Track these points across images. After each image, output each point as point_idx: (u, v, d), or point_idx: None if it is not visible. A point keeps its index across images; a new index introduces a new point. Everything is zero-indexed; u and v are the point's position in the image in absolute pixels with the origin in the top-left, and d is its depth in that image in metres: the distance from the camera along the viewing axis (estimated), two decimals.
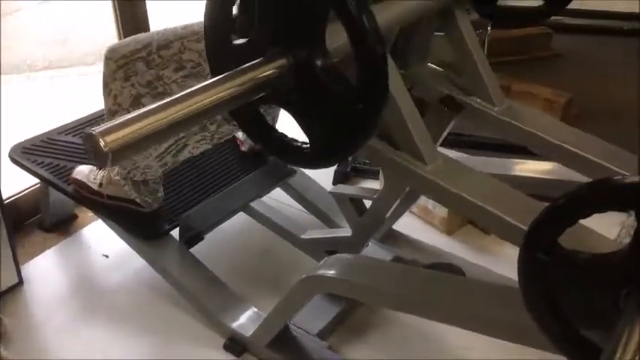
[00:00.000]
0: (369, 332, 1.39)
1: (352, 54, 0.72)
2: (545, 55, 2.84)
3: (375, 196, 1.26)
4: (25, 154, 1.56)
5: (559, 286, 0.70)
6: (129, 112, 1.27)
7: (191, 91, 0.70)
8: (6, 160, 1.60)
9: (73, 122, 1.68)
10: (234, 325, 1.35)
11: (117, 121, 0.63)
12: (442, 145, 2.08)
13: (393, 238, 1.59)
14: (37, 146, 1.59)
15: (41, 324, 1.43)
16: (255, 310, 1.38)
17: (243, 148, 1.70)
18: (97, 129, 0.61)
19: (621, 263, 0.64)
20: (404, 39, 1.12)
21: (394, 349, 1.35)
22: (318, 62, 0.75)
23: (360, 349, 1.35)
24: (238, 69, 0.75)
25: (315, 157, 0.81)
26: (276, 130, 0.86)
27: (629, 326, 0.60)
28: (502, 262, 1.49)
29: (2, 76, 2.79)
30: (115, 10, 1.80)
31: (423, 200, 1.75)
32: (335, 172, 1.92)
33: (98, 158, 0.61)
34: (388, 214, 1.35)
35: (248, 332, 1.32)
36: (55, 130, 1.65)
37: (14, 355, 1.32)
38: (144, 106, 1.30)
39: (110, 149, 0.60)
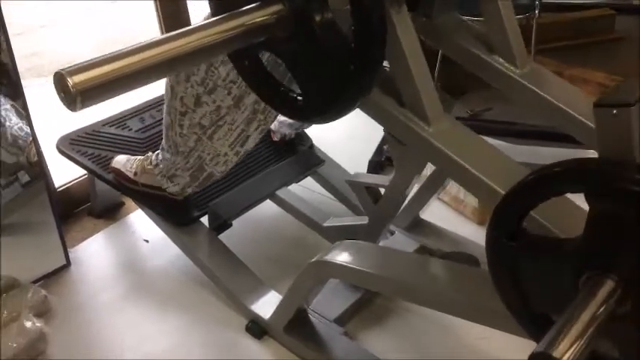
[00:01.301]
0: (388, 320, 1.40)
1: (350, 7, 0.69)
2: (608, 39, 2.68)
3: (387, 184, 1.27)
4: (72, 145, 1.68)
5: (524, 270, 0.69)
6: (194, 111, 1.31)
7: (178, 33, 0.65)
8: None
9: (116, 115, 1.79)
10: (255, 308, 1.40)
11: (90, 61, 0.58)
12: (484, 133, 2.02)
13: (420, 227, 1.58)
14: (82, 138, 1.71)
15: (83, 303, 1.54)
16: (277, 294, 1.42)
17: (275, 138, 1.74)
18: (67, 68, 0.56)
19: (580, 248, 0.62)
20: None
21: (411, 338, 1.35)
22: (316, 11, 0.71)
23: (376, 336, 1.36)
24: (233, 12, 0.71)
25: (305, 111, 0.79)
26: (273, 78, 0.84)
27: (578, 309, 0.58)
28: None
29: None
30: (157, 10, 1.89)
31: (454, 190, 1.72)
32: (369, 161, 1.93)
33: (67, 100, 0.57)
34: (406, 201, 1.36)
35: (267, 315, 1.37)
36: (99, 122, 1.76)
37: (56, 330, 1.43)
38: (206, 104, 1.25)
39: (77, 90, 0.56)
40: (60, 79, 0.56)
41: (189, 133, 1.34)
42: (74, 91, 0.56)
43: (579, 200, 0.73)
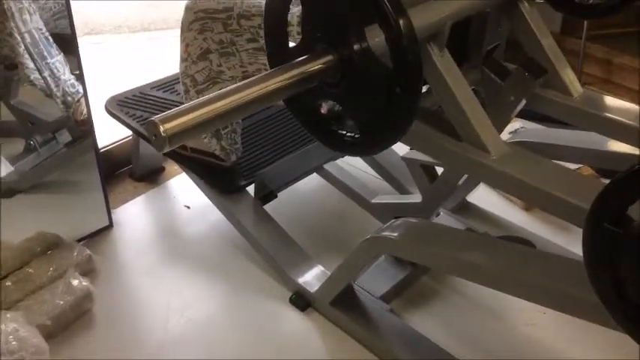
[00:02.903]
0: (433, 300, 1.39)
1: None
2: None
3: None
4: (120, 106, 1.67)
5: (625, 260, 0.67)
6: (195, 63, 1.33)
7: (244, 84, 0.78)
8: (103, 112, 1.72)
9: (164, 79, 1.78)
10: (301, 280, 1.40)
11: (176, 110, 0.72)
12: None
13: (467, 210, 1.57)
14: (130, 99, 1.70)
15: (126, 264, 1.55)
16: (322, 268, 1.42)
17: (322, 111, 1.72)
18: (158, 117, 0.70)
19: None
20: (473, 34, 1.10)
21: (455, 319, 1.35)
22: (360, 57, 0.80)
23: (421, 315, 1.35)
24: (288, 64, 0.82)
25: (363, 146, 0.87)
26: (331, 124, 0.92)
27: None
28: (580, 242, 1.43)
29: (103, 35, 3.00)
30: None
31: None
32: None
33: (158, 142, 0.70)
34: (460, 183, 1.34)
35: (313, 288, 1.36)
36: (147, 85, 1.75)
37: (100, 289, 1.43)
38: (210, 61, 1.34)
39: (167, 135, 0.69)
40: (154, 127, 0.70)
41: (182, 80, 1.37)
42: (164, 136, 0.69)
43: None
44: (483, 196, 1.63)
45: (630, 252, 0.66)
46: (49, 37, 1.44)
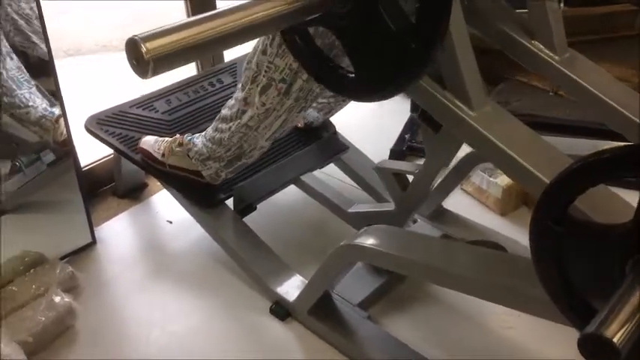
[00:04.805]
0: (410, 307, 1.42)
1: None
2: (629, 34, 2.67)
3: (416, 171, 1.28)
4: (100, 125, 1.70)
5: (569, 255, 0.70)
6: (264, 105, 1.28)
7: (241, 5, 0.67)
8: (84, 131, 1.74)
9: (142, 97, 1.80)
10: (280, 290, 1.42)
11: (160, 29, 0.60)
12: None
13: (443, 216, 1.59)
14: (110, 118, 1.72)
15: (109, 280, 1.56)
16: (301, 277, 1.44)
17: (299, 125, 1.75)
18: (140, 34, 0.57)
19: (629, 233, 0.63)
20: None
21: (432, 324, 1.37)
22: None
23: (399, 322, 1.38)
24: None
25: (357, 88, 0.80)
26: (322, 53, 0.84)
27: (628, 292, 0.59)
28: None
29: (86, 55, 3.04)
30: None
31: (477, 180, 1.74)
32: (391, 150, 1.94)
33: (139, 66, 0.58)
34: (432, 189, 1.37)
35: (292, 298, 1.39)
36: (126, 103, 1.77)
37: (83, 306, 1.45)
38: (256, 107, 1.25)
39: (152, 56, 0.57)
40: (134, 46, 0.57)
41: (237, 131, 1.35)
42: (147, 57, 0.57)
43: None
44: (459, 202, 1.67)
45: (572, 249, 0.69)
46: (21, 68, 1.46)
